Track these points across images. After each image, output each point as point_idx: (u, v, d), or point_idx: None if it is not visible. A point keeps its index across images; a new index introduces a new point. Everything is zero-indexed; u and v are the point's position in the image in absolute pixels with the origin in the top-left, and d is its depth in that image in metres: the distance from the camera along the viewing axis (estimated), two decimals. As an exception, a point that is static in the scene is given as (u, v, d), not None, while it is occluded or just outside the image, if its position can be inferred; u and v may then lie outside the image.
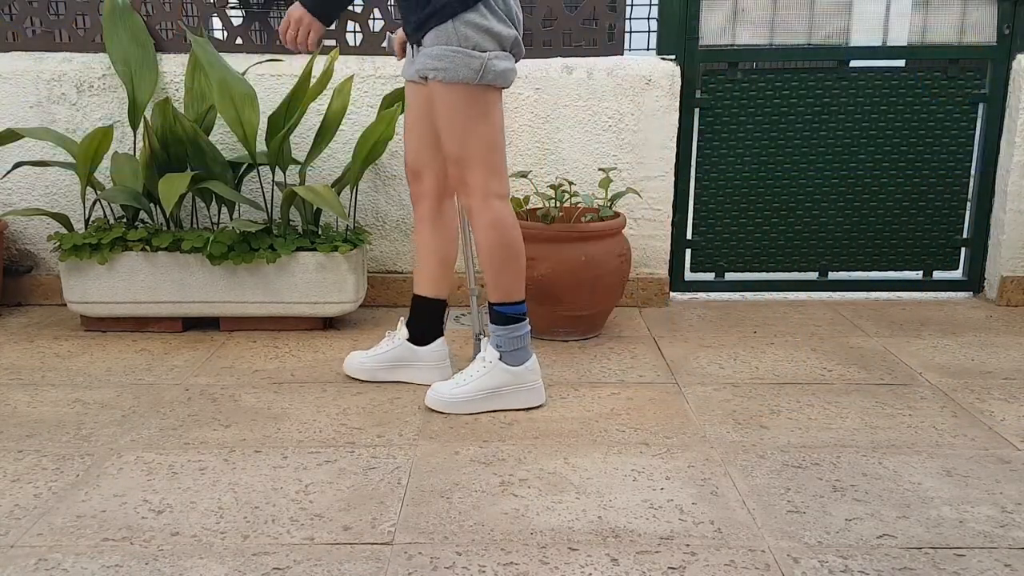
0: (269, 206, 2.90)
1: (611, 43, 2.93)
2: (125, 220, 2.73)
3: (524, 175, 2.66)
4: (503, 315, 2.07)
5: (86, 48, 2.91)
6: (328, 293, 2.67)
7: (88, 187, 2.66)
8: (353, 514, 1.61)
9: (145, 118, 2.58)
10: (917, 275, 3.18)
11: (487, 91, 1.93)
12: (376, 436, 1.95)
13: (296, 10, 1.93)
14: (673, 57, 2.95)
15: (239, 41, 2.90)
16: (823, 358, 2.48)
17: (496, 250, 2.03)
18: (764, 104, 3.01)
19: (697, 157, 3.04)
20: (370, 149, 2.61)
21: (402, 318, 2.31)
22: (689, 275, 3.15)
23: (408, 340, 2.26)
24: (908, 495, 1.68)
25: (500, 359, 2.08)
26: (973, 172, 3.08)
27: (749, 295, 3.18)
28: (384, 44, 1.98)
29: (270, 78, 2.86)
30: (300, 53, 1.94)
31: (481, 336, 2.29)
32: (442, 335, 2.29)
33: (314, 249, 2.63)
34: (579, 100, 2.90)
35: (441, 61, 1.88)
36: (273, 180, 2.74)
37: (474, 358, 2.15)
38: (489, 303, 2.09)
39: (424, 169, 2.15)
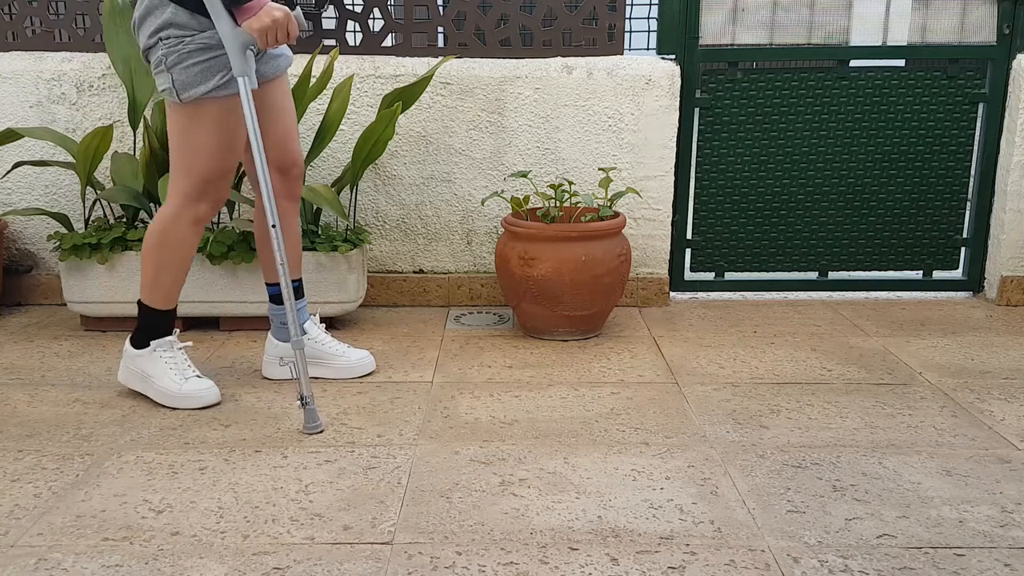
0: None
1: (611, 43, 2.93)
2: (125, 220, 2.73)
3: (524, 175, 2.66)
4: None
5: (86, 48, 2.91)
6: (328, 293, 2.67)
7: (88, 187, 2.66)
8: (353, 514, 1.61)
9: (145, 118, 2.58)
10: (917, 275, 3.18)
11: None
12: (376, 436, 1.95)
13: None
14: (673, 57, 2.96)
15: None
16: (823, 358, 2.48)
17: None
18: (764, 104, 3.01)
19: (697, 157, 3.04)
20: (370, 149, 2.61)
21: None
22: (689, 275, 3.15)
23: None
24: (908, 495, 1.68)
25: None
26: (973, 172, 3.08)
27: (749, 295, 3.18)
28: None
29: (270, 78, 2.86)
30: None
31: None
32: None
33: (314, 249, 2.63)
34: (579, 100, 2.90)
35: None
36: (273, 180, 2.74)
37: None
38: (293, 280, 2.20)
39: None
